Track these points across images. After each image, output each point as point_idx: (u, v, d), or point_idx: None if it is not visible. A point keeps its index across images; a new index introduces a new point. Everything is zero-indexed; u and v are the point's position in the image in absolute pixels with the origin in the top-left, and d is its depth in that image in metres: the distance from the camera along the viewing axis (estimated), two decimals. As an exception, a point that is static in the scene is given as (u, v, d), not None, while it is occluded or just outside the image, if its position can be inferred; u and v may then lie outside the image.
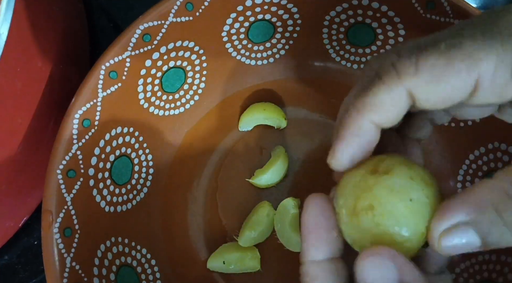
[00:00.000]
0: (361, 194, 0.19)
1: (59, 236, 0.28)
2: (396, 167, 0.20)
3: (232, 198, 0.37)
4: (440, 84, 0.19)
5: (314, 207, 0.21)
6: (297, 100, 0.38)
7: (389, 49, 0.21)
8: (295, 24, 0.35)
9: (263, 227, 0.35)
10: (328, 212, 0.21)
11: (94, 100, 0.30)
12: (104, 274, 0.30)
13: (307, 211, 0.21)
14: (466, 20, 0.21)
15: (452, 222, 0.18)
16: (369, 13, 0.33)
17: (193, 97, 0.36)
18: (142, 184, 0.35)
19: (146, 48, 0.31)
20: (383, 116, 0.20)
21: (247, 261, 0.34)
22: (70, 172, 0.29)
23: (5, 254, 0.38)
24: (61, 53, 0.33)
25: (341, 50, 0.37)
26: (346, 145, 0.20)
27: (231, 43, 0.35)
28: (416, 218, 0.19)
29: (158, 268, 0.34)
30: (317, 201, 0.21)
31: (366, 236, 0.19)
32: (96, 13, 0.41)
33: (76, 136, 0.29)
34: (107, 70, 0.30)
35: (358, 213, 0.19)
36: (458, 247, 0.18)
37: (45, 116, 0.33)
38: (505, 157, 0.32)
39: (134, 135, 0.33)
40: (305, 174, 0.37)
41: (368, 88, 0.20)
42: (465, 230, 0.18)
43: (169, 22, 0.31)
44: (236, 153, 0.38)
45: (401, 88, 0.19)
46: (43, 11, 0.31)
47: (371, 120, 0.20)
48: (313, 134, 0.38)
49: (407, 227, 0.19)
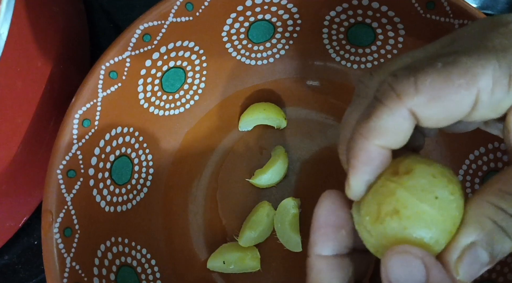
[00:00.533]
0: (384, 199, 0.19)
1: (59, 236, 0.28)
2: (416, 167, 0.19)
3: (232, 198, 0.37)
4: (442, 101, 0.18)
5: (328, 203, 0.21)
6: (297, 100, 0.38)
7: (380, 67, 0.21)
8: (295, 24, 0.35)
9: (263, 227, 0.35)
10: (340, 211, 0.21)
11: (94, 100, 0.30)
12: (104, 274, 0.30)
13: (320, 206, 0.21)
14: (456, 32, 0.21)
15: (461, 247, 0.18)
16: (369, 13, 0.33)
17: (193, 97, 0.36)
18: (142, 184, 0.35)
19: (146, 48, 0.31)
20: (391, 139, 0.19)
21: (247, 261, 0.34)
22: (70, 172, 0.29)
23: (5, 254, 0.38)
24: (61, 53, 0.33)
25: (341, 50, 0.37)
26: (360, 175, 0.20)
27: (231, 43, 0.35)
28: (444, 216, 0.18)
29: (158, 268, 0.34)
30: (332, 198, 0.21)
31: (392, 241, 0.19)
32: (96, 13, 0.41)
33: (76, 136, 0.29)
34: (107, 70, 0.30)
35: (383, 219, 0.19)
36: (472, 268, 0.18)
37: (45, 116, 0.33)
38: (505, 157, 0.32)
39: (134, 135, 0.33)
40: (305, 174, 0.37)
41: (370, 113, 0.19)
42: (473, 249, 0.18)
43: (169, 22, 0.31)
44: (236, 153, 0.38)
45: (404, 109, 0.19)
46: (43, 11, 0.31)
47: (379, 145, 0.19)
48: (313, 134, 0.38)
49: (435, 227, 0.18)
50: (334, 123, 0.38)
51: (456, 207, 0.19)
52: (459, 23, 0.30)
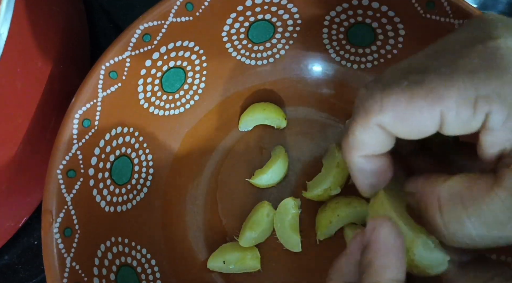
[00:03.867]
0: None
1: (59, 236, 0.28)
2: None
3: (232, 198, 0.37)
4: (406, 121, 0.19)
5: (390, 229, 0.21)
6: (297, 100, 0.38)
7: (370, 80, 0.22)
8: (295, 24, 0.35)
9: (263, 227, 0.35)
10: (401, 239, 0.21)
11: (94, 100, 0.30)
12: (104, 274, 0.30)
13: (383, 231, 0.21)
14: (446, 38, 0.21)
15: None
16: (369, 13, 0.33)
17: (193, 97, 0.36)
18: (142, 184, 0.35)
19: (146, 48, 0.31)
20: (369, 150, 0.21)
21: (247, 261, 0.34)
22: (70, 172, 0.29)
23: (5, 254, 0.38)
24: (61, 53, 0.33)
25: (341, 50, 0.37)
26: (360, 180, 0.23)
27: (231, 43, 0.35)
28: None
29: (158, 268, 0.34)
30: (391, 226, 0.21)
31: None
32: (96, 13, 0.41)
33: (76, 136, 0.29)
34: (107, 70, 0.30)
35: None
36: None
37: (45, 116, 0.33)
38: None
39: (134, 135, 0.33)
40: (305, 174, 0.37)
41: (348, 129, 0.21)
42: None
43: (169, 22, 0.31)
44: (236, 153, 0.38)
45: (372, 125, 0.20)
46: (43, 11, 0.31)
47: (361, 156, 0.21)
48: (313, 134, 0.38)
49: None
50: (334, 123, 0.38)
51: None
52: (459, 23, 0.30)
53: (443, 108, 0.18)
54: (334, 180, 0.35)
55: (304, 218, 0.36)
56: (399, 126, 0.19)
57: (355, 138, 0.21)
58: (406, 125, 0.19)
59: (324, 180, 0.35)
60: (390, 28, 0.34)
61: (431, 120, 0.19)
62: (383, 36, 0.34)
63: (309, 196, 0.36)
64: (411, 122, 0.19)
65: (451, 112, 0.18)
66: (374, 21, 0.34)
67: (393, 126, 0.20)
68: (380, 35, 0.34)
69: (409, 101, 0.19)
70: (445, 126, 0.19)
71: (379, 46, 0.35)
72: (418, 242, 0.21)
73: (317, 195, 0.35)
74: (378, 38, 0.35)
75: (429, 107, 0.18)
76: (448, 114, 0.18)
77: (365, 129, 0.20)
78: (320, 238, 0.35)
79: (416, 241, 0.21)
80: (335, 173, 0.35)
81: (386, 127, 0.20)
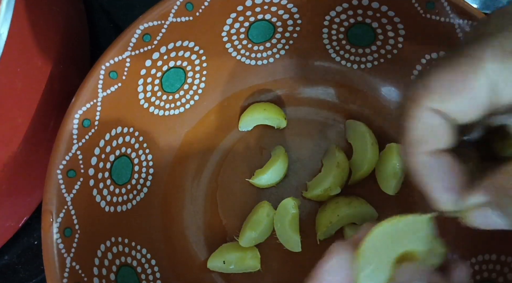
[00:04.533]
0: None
1: (59, 236, 0.28)
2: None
3: (232, 198, 0.37)
4: (453, 94, 0.19)
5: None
6: (297, 100, 0.38)
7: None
8: (295, 24, 0.35)
9: (263, 227, 0.35)
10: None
11: (94, 100, 0.30)
12: (104, 274, 0.30)
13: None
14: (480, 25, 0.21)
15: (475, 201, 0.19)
16: (369, 13, 0.33)
17: (193, 97, 0.36)
18: (142, 184, 0.35)
19: (146, 48, 0.31)
20: (431, 144, 0.20)
21: (247, 261, 0.34)
22: (70, 172, 0.29)
23: (5, 254, 0.38)
24: (61, 53, 0.33)
25: (341, 50, 0.37)
26: (433, 184, 0.20)
27: (231, 43, 0.35)
28: None
29: (158, 268, 0.34)
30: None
31: None
32: (96, 13, 0.41)
33: (76, 136, 0.29)
34: (107, 70, 0.30)
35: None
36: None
37: (45, 116, 0.33)
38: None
39: (134, 135, 0.33)
40: (305, 174, 0.37)
41: (402, 130, 0.20)
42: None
43: (169, 22, 0.31)
44: (236, 153, 0.38)
45: (424, 110, 0.19)
46: (43, 11, 0.31)
47: (424, 153, 0.20)
48: (313, 134, 0.38)
49: None
50: (334, 123, 0.38)
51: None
52: (459, 23, 0.30)
53: (486, 67, 0.18)
54: (334, 180, 0.35)
55: (304, 218, 0.36)
56: (451, 102, 0.19)
57: (411, 133, 0.20)
58: (456, 98, 0.19)
59: (324, 180, 0.35)
60: (390, 28, 0.34)
61: (479, 86, 0.18)
62: (383, 36, 0.34)
63: (309, 196, 0.36)
64: (460, 93, 0.19)
65: (494, 68, 0.18)
66: (374, 21, 0.34)
67: (445, 104, 0.19)
68: (380, 35, 0.34)
69: (450, 73, 0.19)
70: (497, 88, 0.18)
71: (379, 46, 0.35)
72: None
73: (317, 195, 0.35)
74: (378, 38, 0.35)
75: (472, 69, 0.18)
76: (493, 73, 0.18)
77: (419, 119, 0.19)
78: (320, 238, 0.35)
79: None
80: (335, 173, 0.35)
81: (441, 108, 0.19)
